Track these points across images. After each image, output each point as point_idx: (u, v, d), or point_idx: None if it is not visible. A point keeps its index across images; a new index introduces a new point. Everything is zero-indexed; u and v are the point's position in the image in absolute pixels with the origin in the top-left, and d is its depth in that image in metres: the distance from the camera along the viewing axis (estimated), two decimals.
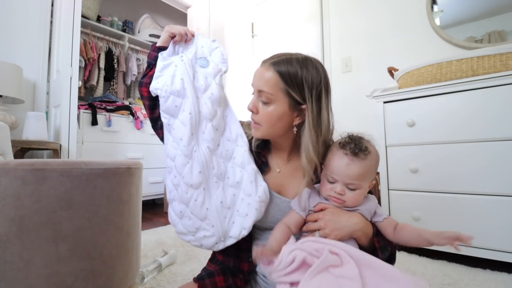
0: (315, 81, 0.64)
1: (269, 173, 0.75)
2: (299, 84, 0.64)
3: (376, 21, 1.97)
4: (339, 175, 0.62)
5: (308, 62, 0.65)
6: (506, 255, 1.09)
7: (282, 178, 0.74)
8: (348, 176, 0.61)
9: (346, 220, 0.61)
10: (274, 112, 0.65)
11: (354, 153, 0.61)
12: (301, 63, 0.64)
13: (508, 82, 1.11)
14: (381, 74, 1.86)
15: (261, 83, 0.66)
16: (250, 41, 2.68)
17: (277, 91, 0.64)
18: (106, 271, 0.77)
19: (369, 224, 0.63)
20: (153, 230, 1.77)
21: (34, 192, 0.67)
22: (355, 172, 0.61)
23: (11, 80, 1.72)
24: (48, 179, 0.68)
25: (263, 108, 0.66)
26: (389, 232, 0.63)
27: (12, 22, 2.00)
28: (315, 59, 0.68)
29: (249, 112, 0.71)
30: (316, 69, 0.65)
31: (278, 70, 0.64)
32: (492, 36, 1.57)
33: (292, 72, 0.63)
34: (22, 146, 1.69)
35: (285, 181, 0.74)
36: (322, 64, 0.68)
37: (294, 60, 0.65)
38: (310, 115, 0.64)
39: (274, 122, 0.67)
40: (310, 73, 0.64)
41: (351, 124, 1.09)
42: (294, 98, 0.64)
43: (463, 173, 1.19)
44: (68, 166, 0.71)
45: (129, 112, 2.57)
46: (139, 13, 3.32)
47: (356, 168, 0.61)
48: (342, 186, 0.62)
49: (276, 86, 0.64)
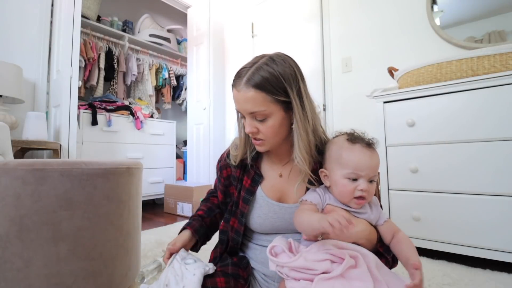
0: (290, 75, 0.63)
1: (265, 182, 0.75)
2: (279, 85, 0.63)
3: (376, 21, 1.97)
4: (366, 169, 0.59)
5: (275, 60, 0.64)
6: (506, 255, 1.09)
7: (283, 183, 0.74)
8: (372, 169, 0.60)
9: (359, 229, 0.61)
10: (274, 123, 0.65)
11: (368, 145, 0.61)
12: (269, 65, 0.63)
13: (508, 82, 1.11)
14: (381, 74, 1.86)
15: (249, 106, 0.63)
16: (250, 41, 2.68)
17: (268, 104, 0.63)
18: (106, 271, 0.77)
19: (373, 231, 0.63)
20: (153, 230, 1.77)
21: (34, 192, 0.67)
22: (377, 163, 0.61)
23: (11, 80, 1.72)
24: (48, 179, 0.68)
25: (262, 125, 0.65)
26: (387, 238, 0.62)
27: (12, 22, 2.00)
28: (280, 54, 0.67)
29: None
30: (285, 63, 0.64)
31: (256, 85, 0.62)
32: (492, 36, 1.56)
33: (268, 77, 0.62)
34: (22, 146, 1.69)
35: (285, 187, 0.73)
36: (287, 55, 0.67)
37: (263, 65, 0.63)
38: (297, 108, 0.64)
39: (276, 131, 0.66)
40: (282, 69, 0.63)
41: (351, 124, 1.09)
42: (283, 101, 0.64)
43: (463, 173, 1.19)
44: (68, 166, 0.71)
45: (129, 112, 2.57)
46: (139, 13, 3.32)
47: (377, 159, 0.61)
48: (366, 182, 0.59)
49: (264, 101, 0.62)
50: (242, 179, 0.76)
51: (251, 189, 0.74)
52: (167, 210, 2.48)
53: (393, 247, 0.61)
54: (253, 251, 0.74)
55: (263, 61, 0.64)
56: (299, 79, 0.65)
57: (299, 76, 0.65)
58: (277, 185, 0.74)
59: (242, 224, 0.73)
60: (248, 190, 0.74)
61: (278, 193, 0.73)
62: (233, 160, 0.75)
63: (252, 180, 0.74)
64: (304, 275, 0.53)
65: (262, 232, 0.73)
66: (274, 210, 0.71)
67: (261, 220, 0.71)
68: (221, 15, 2.94)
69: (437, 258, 1.27)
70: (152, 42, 3.19)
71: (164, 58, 3.38)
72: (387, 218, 0.64)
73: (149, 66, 3.16)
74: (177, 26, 3.56)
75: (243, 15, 2.80)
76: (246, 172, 0.76)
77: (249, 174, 0.75)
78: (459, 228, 1.19)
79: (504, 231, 1.09)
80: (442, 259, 1.26)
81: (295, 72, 0.65)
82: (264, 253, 0.70)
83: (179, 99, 3.51)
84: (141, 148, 2.62)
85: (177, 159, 3.08)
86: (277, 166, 0.76)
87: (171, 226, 1.88)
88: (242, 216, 0.73)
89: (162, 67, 3.29)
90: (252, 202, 0.73)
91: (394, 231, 0.63)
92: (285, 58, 0.66)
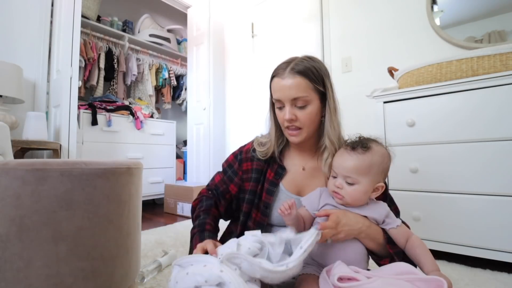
0: (325, 69, 0.73)
1: (287, 175, 0.77)
2: (319, 77, 0.71)
3: (376, 21, 1.97)
4: (338, 168, 0.65)
5: (310, 57, 0.73)
6: (506, 255, 1.09)
7: (303, 177, 0.77)
8: (345, 169, 0.64)
9: (354, 221, 0.63)
10: (313, 111, 0.71)
11: (352, 148, 0.65)
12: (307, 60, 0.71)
13: (508, 82, 1.11)
14: (381, 74, 1.86)
15: (293, 91, 0.69)
16: (250, 41, 2.68)
17: (309, 91, 0.70)
18: (106, 271, 0.77)
19: (376, 229, 0.64)
20: (153, 230, 1.77)
21: (34, 192, 0.67)
22: (350, 164, 0.63)
23: (11, 80, 1.72)
24: (48, 179, 0.68)
25: (301, 112, 0.71)
26: (401, 242, 0.64)
27: (12, 22, 2.00)
28: (310, 55, 0.76)
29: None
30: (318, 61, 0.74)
31: (301, 72, 0.69)
32: (492, 36, 1.56)
33: (310, 67, 0.70)
34: (22, 146, 1.69)
35: (305, 181, 0.77)
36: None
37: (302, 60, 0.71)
38: (331, 99, 0.72)
39: (313, 119, 0.72)
40: (318, 65, 0.72)
41: (351, 124, 1.09)
42: (321, 91, 0.72)
43: (463, 173, 1.19)
44: (68, 166, 0.71)
45: (129, 112, 2.57)
46: (139, 13, 3.32)
47: (352, 161, 0.63)
48: (341, 180, 0.65)
49: (307, 88, 0.70)
50: (265, 172, 0.79)
51: (275, 181, 0.77)
52: (167, 210, 2.48)
53: (407, 252, 0.63)
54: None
55: (300, 58, 0.73)
56: (329, 76, 0.75)
57: (328, 73, 0.75)
58: (297, 178, 0.77)
59: (266, 215, 0.75)
60: (271, 182, 0.76)
61: (297, 187, 0.76)
62: (262, 155, 0.79)
63: (276, 173, 0.77)
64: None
65: (278, 224, 0.75)
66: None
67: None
68: (221, 15, 2.94)
69: (437, 258, 1.27)
70: (152, 42, 3.19)
71: (164, 58, 3.38)
72: (399, 224, 0.65)
73: (149, 66, 3.16)
74: (177, 26, 3.56)
75: (243, 15, 2.80)
76: (270, 165, 0.79)
77: (273, 167, 0.78)
78: (459, 228, 1.19)
79: (504, 231, 1.09)
80: (442, 259, 1.26)
81: (326, 69, 0.74)
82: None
83: (179, 99, 3.51)
84: (141, 148, 2.62)
85: (177, 159, 3.08)
86: (301, 160, 0.79)
87: (171, 226, 1.88)
88: (266, 208, 0.75)
89: (162, 67, 3.29)
90: (276, 193, 0.76)
91: (408, 236, 0.64)
92: (316, 58, 0.75)
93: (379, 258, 0.67)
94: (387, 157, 0.67)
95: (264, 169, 0.79)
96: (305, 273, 0.64)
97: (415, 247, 0.62)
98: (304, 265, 0.67)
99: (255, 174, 0.79)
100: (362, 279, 0.52)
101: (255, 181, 0.78)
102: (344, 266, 0.57)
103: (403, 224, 0.66)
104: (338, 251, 0.62)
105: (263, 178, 0.78)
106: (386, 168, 0.67)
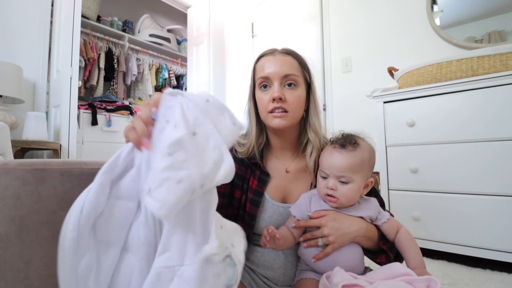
0: (310, 65, 0.72)
1: (271, 182, 0.71)
2: (306, 66, 0.70)
3: (376, 21, 1.97)
4: (330, 168, 0.62)
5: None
6: (506, 255, 1.09)
7: (288, 181, 0.72)
8: (338, 168, 0.61)
9: (348, 226, 0.60)
10: (301, 94, 0.68)
11: (341, 145, 0.63)
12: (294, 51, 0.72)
13: (508, 82, 1.11)
14: (381, 74, 1.86)
15: (286, 68, 0.66)
16: (250, 41, 2.68)
17: (299, 73, 0.68)
18: None
19: (372, 228, 0.63)
20: None
21: (34, 192, 0.67)
22: (343, 163, 0.61)
23: (11, 80, 1.72)
24: (48, 179, 0.68)
25: (290, 93, 0.66)
26: (391, 235, 0.63)
27: (12, 22, 2.00)
28: None
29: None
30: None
31: (292, 53, 0.69)
32: (492, 36, 1.56)
33: (299, 55, 0.70)
34: (22, 146, 1.69)
35: (290, 186, 0.71)
36: None
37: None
38: (315, 93, 0.71)
39: (300, 105, 0.68)
40: (304, 59, 0.71)
41: (351, 124, 1.09)
42: (307, 81, 0.70)
43: (463, 173, 1.19)
44: (68, 166, 0.71)
45: (129, 112, 2.57)
46: (139, 13, 3.32)
47: (345, 159, 0.61)
48: (334, 181, 0.62)
49: (298, 69, 0.68)
50: (248, 179, 0.71)
51: (259, 190, 0.70)
52: None
53: (396, 246, 0.63)
54: (254, 253, 0.70)
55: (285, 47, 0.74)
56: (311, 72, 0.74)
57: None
58: (281, 184, 0.71)
59: (251, 227, 0.69)
60: (255, 191, 0.70)
61: (281, 193, 0.71)
62: (243, 155, 0.71)
63: (259, 180, 0.70)
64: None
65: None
66: (279, 212, 0.69)
67: (266, 223, 0.69)
68: (221, 15, 2.94)
69: (437, 258, 1.27)
70: (152, 42, 3.19)
71: (164, 58, 3.38)
72: (388, 217, 0.64)
73: (149, 66, 3.16)
74: (177, 26, 3.56)
75: (243, 15, 2.80)
76: (253, 172, 0.72)
77: (255, 174, 0.71)
78: (459, 228, 1.19)
79: (504, 231, 1.09)
80: (442, 259, 1.26)
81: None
82: (265, 255, 0.68)
83: None
84: None
85: None
86: (284, 161, 0.73)
87: None
88: (251, 219, 0.68)
89: (162, 67, 3.30)
90: (262, 203, 0.70)
91: (397, 229, 0.63)
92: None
93: (375, 256, 0.65)
94: (373, 152, 0.66)
95: (247, 175, 0.72)
96: (304, 278, 0.63)
97: (401, 242, 0.62)
98: (302, 270, 0.66)
99: (237, 180, 0.71)
100: (365, 284, 0.52)
101: (239, 189, 0.71)
102: (343, 273, 0.56)
103: (392, 217, 0.66)
104: (334, 256, 0.60)
105: (246, 186, 0.71)
106: (374, 163, 0.67)
